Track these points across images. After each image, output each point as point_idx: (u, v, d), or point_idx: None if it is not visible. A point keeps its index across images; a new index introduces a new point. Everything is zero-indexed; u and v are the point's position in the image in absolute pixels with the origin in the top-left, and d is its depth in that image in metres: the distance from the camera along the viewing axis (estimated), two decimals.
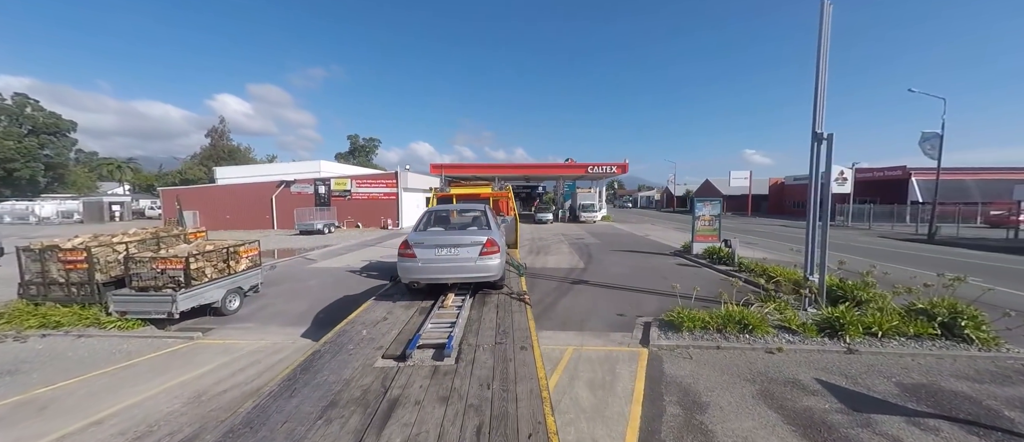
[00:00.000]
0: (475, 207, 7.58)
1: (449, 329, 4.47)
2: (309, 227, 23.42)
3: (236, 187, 29.56)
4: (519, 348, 4.08)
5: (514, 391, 3.23)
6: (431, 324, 4.71)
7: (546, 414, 2.89)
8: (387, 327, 4.83)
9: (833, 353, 5.53)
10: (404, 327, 4.78)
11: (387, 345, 4.21)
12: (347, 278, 11.04)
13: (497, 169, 38.91)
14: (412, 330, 4.59)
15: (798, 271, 9.37)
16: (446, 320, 4.88)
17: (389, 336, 4.48)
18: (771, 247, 17.22)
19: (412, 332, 4.49)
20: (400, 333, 4.55)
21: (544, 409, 2.95)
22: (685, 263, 12.87)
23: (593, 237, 21.35)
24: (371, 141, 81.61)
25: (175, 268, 6.86)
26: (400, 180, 27.84)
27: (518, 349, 4.06)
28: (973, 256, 15.34)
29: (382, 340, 4.38)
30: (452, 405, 3.03)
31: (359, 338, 4.47)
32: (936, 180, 21.18)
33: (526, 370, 3.59)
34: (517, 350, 4.04)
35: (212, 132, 52.15)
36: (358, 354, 4.01)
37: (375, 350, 4.10)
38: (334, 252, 16.23)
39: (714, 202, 14.06)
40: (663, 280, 10.27)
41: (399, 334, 4.52)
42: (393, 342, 4.28)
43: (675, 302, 8.04)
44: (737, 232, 26.26)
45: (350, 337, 4.50)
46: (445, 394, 3.20)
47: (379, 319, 5.16)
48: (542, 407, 2.98)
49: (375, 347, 4.18)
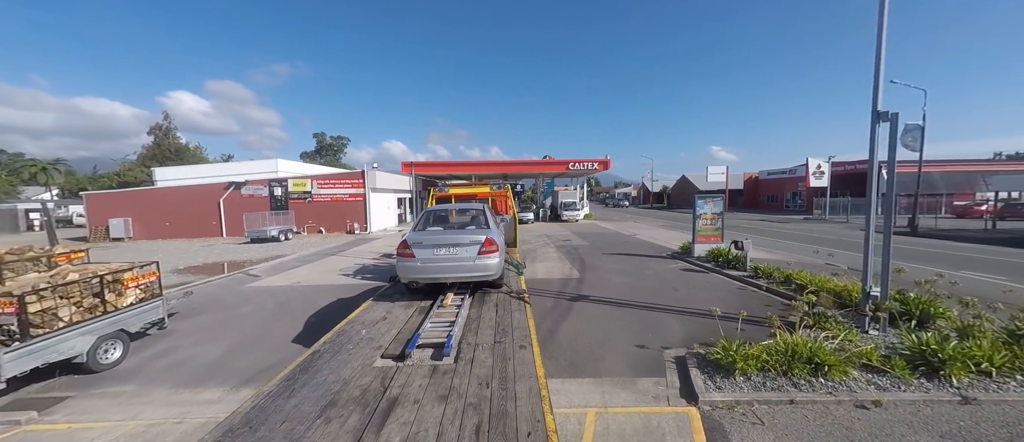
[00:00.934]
0: (474, 206, 7.57)
1: (448, 328, 4.43)
2: (261, 234, 20.65)
3: (177, 190, 26.06)
4: (518, 347, 4.04)
5: (513, 390, 3.20)
6: (430, 323, 4.67)
7: (545, 412, 2.87)
8: (386, 327, 4.80)
9: (944, 404, 4.09)
10: (403, 326, 4.74)
11: (386, 344, 4.19)
12: (295, 300, 8.90)
13: (473, 167, 36.92)
14: (411, 329, 4.56)
15: (830, 278, 8.09)
16: (445, 319, 4.85)
17: (388, 336, 4.47)
18: (768, 246, 16.23)
19: (411, 331, 4.47)
20: (399, 332, 4.53)
21: (543, 408, 2.93)
22: (689, 268, 11.49)
23: (580, 238, 19.87)
24: (339, 140, 77.34)
25: (4, 312, 4.62)
26: (367, 179, 25.32)
27: (517, 348, 4.02)
28: (964, 249, 14.92)
29: (381, 340, 4.36)
30: (451, 404, 3.01)
31: (358, 338, 4.45)
32: (918, 173, 21.04)
33: (525, 369, 3.55)
34: (516, 349, 4.00)
35: (156, 129, 46.92)
36: (357, 354, 4.00)
37: (374, 349, 4.08)
38: (285, 265, 13.86)
39: (716, 199, 12.79)
40: (673, 291, 8.78)
41: (398, 333, 4.50)
42: (392, 341, 4.26)
43: (700, 322, 6.52)
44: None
45: (349, 337, 4.47)
46: (444, 393, 3.18)
47: (378, 319, 5.12)
48: (541, 405, 2.96)
49: (374, 347, 4.16)
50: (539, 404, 2.97)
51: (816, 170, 31.80)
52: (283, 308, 8.35)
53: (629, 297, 8.38)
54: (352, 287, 9.99)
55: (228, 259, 16.01)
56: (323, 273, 12.03)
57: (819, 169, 31.70)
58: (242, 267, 13.71)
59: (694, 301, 7.98)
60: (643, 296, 8.46)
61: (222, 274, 12.28)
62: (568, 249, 15.83)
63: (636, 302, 7.99)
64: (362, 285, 10.20)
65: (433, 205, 8.85)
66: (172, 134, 47.47)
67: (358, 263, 13.65)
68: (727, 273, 10.35)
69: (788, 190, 44.58)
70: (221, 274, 12.31)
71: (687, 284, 9.47)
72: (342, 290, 9.71)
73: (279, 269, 12.96)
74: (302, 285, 10.42)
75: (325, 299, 8.90)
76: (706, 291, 8.76)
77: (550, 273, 11.13)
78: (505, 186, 11.70)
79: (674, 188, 64.91)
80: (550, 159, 35.12)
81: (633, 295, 8.56)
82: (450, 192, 10.66)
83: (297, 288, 10.10)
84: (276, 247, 19.26)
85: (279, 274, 12.09)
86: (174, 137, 47.79)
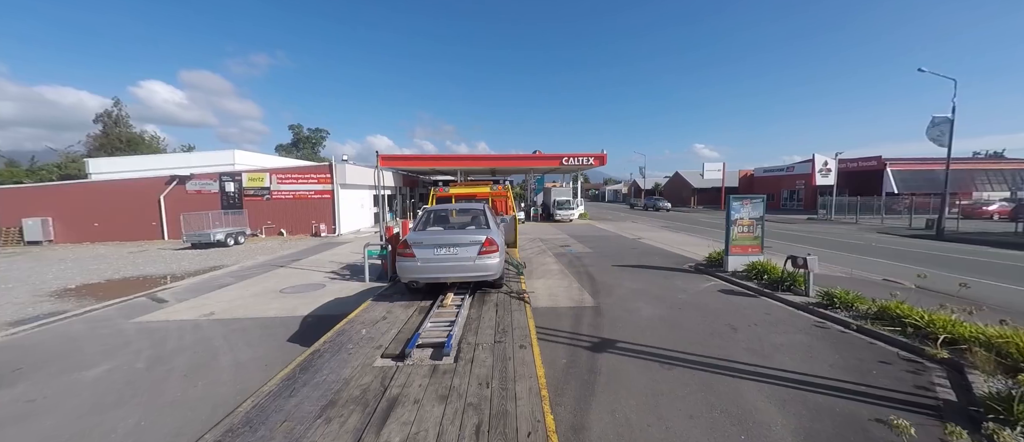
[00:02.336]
0: (474, 206, 7.61)
1: (448, 328, 4.47)
2: (203, 238, 17.39)
3: (109, 185, 22.34)
4: (518, 347, 4.07)
5: (513, 389, 3.21)
6: (430, 323, 4.71)
7: (545, 412, 2.87)
8: (386, 326, 4.81)
9: None
10: (403, 326, 4.76)
11: (386, 344, 4.21)
12: (188, 351, 6.03)
13: (457, 161, 34.02)
14: (411, 329, 4.62)
15: (949, 313, 5.69)
16: (445, 319, 4.89)
17: (388, 335, 4.49)
18: (785, 252, 13.94)
19: (411, 331, 4.51)
20: (399, 332, 4.56)
21: (543, 408, 2.93)
22: (729, 288, 9.07)
23: (579, 243, 17.35)
24: (317, 132, 72.92)
25: None
26: (336, 174, 22.15)
27: (517, 348, 4.05)
28: (1008, 257, 13.10)
29: (381, 339, 4.38)
30: (451, 404, 3.02)
31: (358, 337, 4.48)
32: (946, 170, 19.19)
33: (525, 369, 3.57)
34: (516, 349, 4.02)
35: (104, 116, 42.19)
36: (357, 353, 4.00)
37: (374, 349, 4.10)
38: (213, 282, 10.85)
39: (755, 201, 10.40)
40: (730, 331, 6.30)
41: (398, 333, 4.53)
42: (392, 341, 4.29)
43: (805, 399, 4.03)
44: (720, 228, 23.52)
45: (349, 336, 4.49)
46: (444, 393, 3.19)
47: (378, 318, 5.13)
48: (541, 405, 2.96)
49: (374, 346, 4.18)
50: (539, 404, 2.99)
51: (822, 167, 30.04)
52: (159, 368, 5.48)
53: (672, 343, 5.84)
54: (285, 323, 7.16)
55: (145, 273, 12.84)
56: (255, 297, 9.13)
57: (826, 166, 29.93)
58: (155, 286, 10.65)
59: (769, 351, 5.52)
60: (691, 340, 5.94)
61: (119, 298, 9.22)
62: (570, 259, 13.25)
63: (686, 354, 5.45)
64: (303, 313, 7.41)
65: (433, 205, 8.89)
66: (123, 122, 42.78)
67: (308, 280, 10.77)
68: (783, 299, 7.94)
69: (786, 188, 43.22)
70: (119, 297, 9.26)
71: (742, 317, 7.01)
72: (269, 328, 6.88)
73: (200, 290, 9.96)
74: (214, 319, 7.52)
75: (236, 347, 6.07)
76: (775, 331, 6.31)
77: (555, 297, 8.51)
78: (506, 186, 11.59)
79: (667, 186, 63.23)
80: (540, 153, 32.50)
81: (676, 338, 6.03)
82: (451, 192, 10.80)
83: (204, 326, 7.18)
84: (219, 255, 16.10)
85: (195, 298, 9.11)
86: (126, 126, 43.12)
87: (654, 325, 6.67)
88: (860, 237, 19.74)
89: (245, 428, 2.70)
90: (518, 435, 2.58)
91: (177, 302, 8.81)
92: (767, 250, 10.32)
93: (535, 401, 2.98)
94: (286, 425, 2.73)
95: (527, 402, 2.97)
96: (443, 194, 10.76)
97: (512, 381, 3.30)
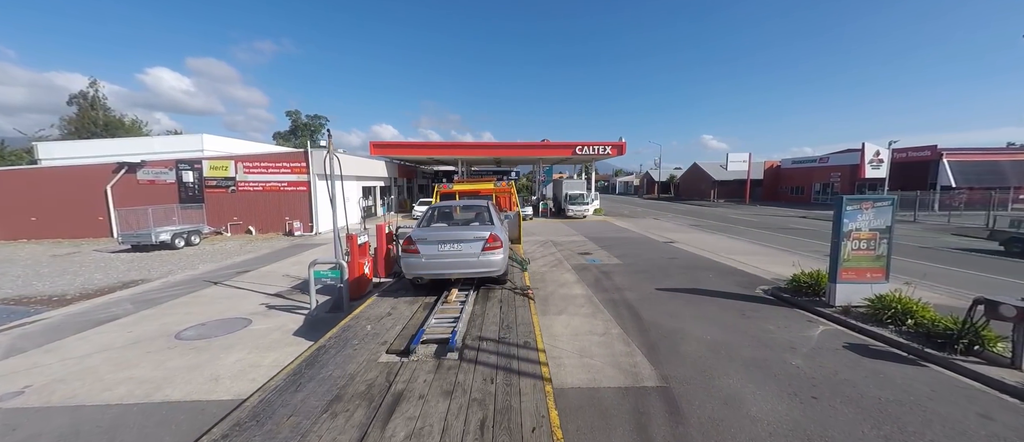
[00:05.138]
0: (478, 203, 7.67)
1: (453, 324, 4.50)
2: (143, 239, 14.27)
3: (49, 172, 19.25)
4: (522, 342, 4.10)
5: (518, 385, 3.21)
6: (435, 319, 4.73)
7: (550, 408, 2.86)
8: (391, 322, 4.82)
9: None
10: (408, 322, 4.78)
11: (391, 340, 4.22)
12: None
13: (460, 149, 30.64)
14: (416, 325, 4.61)
15: None
16: (450, 315, 4.89)
17: (393, 331, 4.48)
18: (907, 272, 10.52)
19: (416, 327, 4.52)
20: (404, 328, 4.55)
21: (548, 403, 2.92)
22: (863, 344, 5.78)
23: (602, 249, 14.07)
24: (316, 119, 69.64)
25: None
26: (312, 163, 18.91)
27: (521, 343, 4.08)
28: None
29: (386, 335, 4.39)
30: (456, 399, 3.01)
31: (363, 333, 4.47)
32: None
33: (530, 364, 3.59)
34: (520, 344, 4.05)
35: (79, 97, 39.16)
36: (362, 349, 4.01)
37: (379, 345, 4.11)
38: (99, 315, 7.75)
39: (882, 203, 7.04)
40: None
41: (403, 329, 4.52)
42: (397, 337, 4.29)
43: None
44: (762, 228, 20.10)
45: (354, 332, 4.49)
46: (449, 388, 3.18)
47: (383, 315, 5.14)
48: (546, 401, 2.94)
49: (379, 342, 4.18)
50: (544, 399, 2.98)
51: (874, 158, 26.30)
52: None
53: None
54: (111, 428, 4.01)
55: (28, 292, 9.76)
56: (125, 351, 5.99)
57: (877, 157, 26.19)
58: (25, 315, 7.59)
59: None
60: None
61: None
62: (595, 276, 9.99)
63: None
64: (156, 398, 4.26)
65: (438, 202, 9.16)
66: (99, 104, 39.71)
67: (234, 311, 7.65)
68: (978, 374, 4.69)
69: (818, 181, 39.35)
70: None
71: (930, 420, 3.77)
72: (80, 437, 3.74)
73: (63, 330, 6.85)
74: (8, 410, 4.39)
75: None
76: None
77: (590, 362, 5.20)
78: (511, 182, 11.70)
79: (684, 177, 59.31)
80: (548, 142, 29.01)
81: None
82: (455, 188, 11.05)
83: (27, 414, 4.05)
84: (159, 261, 13.03)
85: (34, 351, 5.98)
86: (103, 108, 40.08)
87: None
88: (934, 241, 16.24)
89: (252, 422, 2.71)
90: (523, 430, 2.61)
91: (16, 355, 5.70)
92: (811, 256, 7.03)
93: (539, 396, 3.02)
94: (292, 419, 2.74)
95: (531, 397, 3.01)
96: (447, 191, 10.95)
97: (516, 376, 3.36)
